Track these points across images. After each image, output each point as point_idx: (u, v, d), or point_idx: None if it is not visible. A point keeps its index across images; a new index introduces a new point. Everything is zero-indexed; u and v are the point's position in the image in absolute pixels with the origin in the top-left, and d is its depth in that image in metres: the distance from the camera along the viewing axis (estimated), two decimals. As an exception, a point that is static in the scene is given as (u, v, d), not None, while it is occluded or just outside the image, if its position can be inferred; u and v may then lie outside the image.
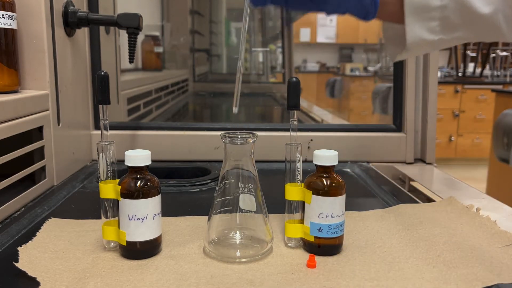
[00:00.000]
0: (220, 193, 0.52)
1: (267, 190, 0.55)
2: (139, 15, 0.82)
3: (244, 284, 0.44)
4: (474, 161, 4.46)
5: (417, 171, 0.95)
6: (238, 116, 2.15)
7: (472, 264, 0.48)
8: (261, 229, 0.52)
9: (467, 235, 0.56)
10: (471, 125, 4.47)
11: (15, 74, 0.70)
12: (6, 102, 0.63)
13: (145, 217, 0.49)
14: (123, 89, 1.22)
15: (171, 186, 0.79)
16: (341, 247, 0.52)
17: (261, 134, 0.58)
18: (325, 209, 0.50)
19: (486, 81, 4.55)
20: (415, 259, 0.50)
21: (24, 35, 0.73)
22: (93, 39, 0.95)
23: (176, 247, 0.53)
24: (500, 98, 2.77)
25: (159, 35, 1.87)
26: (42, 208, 0.67)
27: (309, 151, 0.97)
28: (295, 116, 0.53)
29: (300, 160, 0.52)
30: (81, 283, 0.44)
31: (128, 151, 0.50)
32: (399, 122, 1.02)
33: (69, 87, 0.83)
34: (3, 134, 0.61)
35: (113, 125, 0.96)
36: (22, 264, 0.47)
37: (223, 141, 0.51)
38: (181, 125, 1.02)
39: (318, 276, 0.46)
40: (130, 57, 0.85)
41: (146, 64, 1.78)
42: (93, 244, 0.53)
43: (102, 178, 0.51)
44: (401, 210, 0.66)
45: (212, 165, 0.94)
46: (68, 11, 0.81)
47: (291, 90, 0.52)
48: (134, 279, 0.45)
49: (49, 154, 0.75)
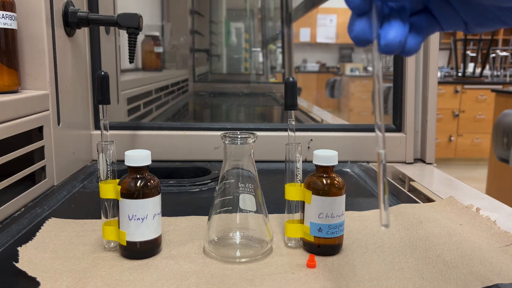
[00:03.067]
0: (220, 193, 0.52)
1: (267, 190, 0.55)
2: (139, 15, 0.82)
3: (244, 284, 0.44)
4: (474, 161, 4.47)
5: (417, 171, 0.95)
6: (238, 116, 2.16)
7: (472, 264, 0.48)
8: (261, 229, 0.52)
9: (467, 235, 0.56)
10: (471, 125, 4.47)
11: (15, 74, 0.70)
12: (6, 102, 0.63)
13: (145, 217, 0.49)
14: (123, 89, 1.22)
15: (171, 186, 0.79)
16: (341, 247, 0.52)
17: (261, 134, 0.59)
18: (325, 209, 0.50)
19: (486, 81, 4.55)
20: (415, 259, 0.50)
21: (24, 35, 0.73)
22: (93, 39, 0.95)
23: (176, 247, 0.53)
24: (500, 98, 2.77)
25: (159, 35, 1.87)
26: (42, 208, 0.67)
27: (309, 151, 0.97)
28: (293, 116, 0.53)
29: (300, 160, 0.52)
30: (81, 283, 0.44)
31: (128, 151, 0.50)
32: (399, 122, 1.02)
33: (69, 87, 0.83)
34: (3, 134, 0.61)
35: (113, 125, 0.96)
36: (22, 264, 0.47)
37: (223, 141, 0.51)
38: (181, 125, 1.02)
39: (318, 276, 0.46)
40: (130, 57, 0.85)
41: (146, 64, 1.78)
42: (93, 244, 0.53)
43: (102, 178, 0.51)
44: (401, 210, 0.66)
45: (212, 165, 0.94)
46: (68, 11, 0.81)
47: (288, 90, 0.52)
48: (134, 279, 0.45)
49: (49, 154, 0.75)
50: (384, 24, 0.32)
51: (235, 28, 2.97)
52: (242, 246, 0.52)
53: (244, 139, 0.50)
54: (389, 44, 0.32)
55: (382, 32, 0.32)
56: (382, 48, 0.32)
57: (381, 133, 0.33)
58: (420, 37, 0.34)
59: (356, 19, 0.32)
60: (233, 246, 0.52)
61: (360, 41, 0.33)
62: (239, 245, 0.52)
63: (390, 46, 0.32)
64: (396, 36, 0.32)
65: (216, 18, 2.90)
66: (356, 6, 0.32)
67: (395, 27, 0.32)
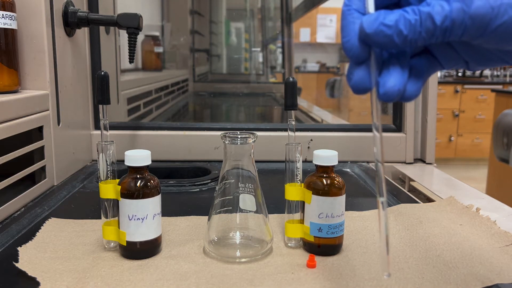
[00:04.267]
0: (220, 193, 0.52)
1: (267, 190, 0.55)
2: (139, 15, 0.82)
3: (244, 284, 0.44)
4: (474, 161, 4.47)
5: (417, 171, 0.95)
6: (238, 116, 2.16)
7: (472, 264, 0.48)
8: (261, 229, 0.52)
9: (467, 235, 0.56)
10: (471, 125, 4.47)
11: (15, 74, 0.70)
12: (6, 102, 0.63)
13: (145, 217, 0.49)
14: (123, 89, 1.22)
15: (171, 186, 0.79)
16: (341, 247, 0.52)
17: (261, 134, 0.59)
18: (325, 209, 0.50)
19: (486, 81, 4.55)
20: (415, 259, 0.50)
21: (24, 35, 0.73)
22: (93, 39, 0.95)
23: (176, 247, 0.53)
24: (500, 98, 2.77)
25: (159, 35, 1.87)
26: (42, 208, 0.67)
27: (309, 151, 0.97)
28: (293, 116, 0.53)
29: (300, 160, 0.52)
30: (81, 283, 0.44)
31: (128, 151, 0.50)
32: (399, 122, 1.02)
33: (69, 87, 0.83)
34: (3, 134, 0.61)
35: (113, 125, 0.96)
36: (22, 264, 0.47)
37: (223, 141, 0.51)
38: (181, 125, 1.02)
39: (318, 276, 0.46)
40: (130, 57, 0.85)
41: (146, 64, 1.78)
42: (93, 244, 0.53)
43: (102, 178, 0.51)
44: (401, 210, 0.66)
45: (212, 165, 0.94)
46: (68, 11, 0.81)
47: (288, 90, 0.52)
48: (134, 279, 0.45)
49: (49, 154, 0.75)
50: (383, 72, 0.32)
51: (235, 28, 2.97)
52: (242, 246, 0.52)
53: (244, 139, 0.50)
54: (388, 93, 0.31)
55: (381, 80, 0.32)
56: (381, 97, 0.32)
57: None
58: (420, 82, 0.33)
59: (355, 67, 0.32)
60: (233, 246, 0.52)
61: (359, 90, 0.32)
62: (239, 245, 0.52)
63: (389, 94, 0.31)
64: (395, 85, 0.31)
65: (216, 18, 2.90)
66: (355, 55, 0.31)
67: (394, 75, 0.32)
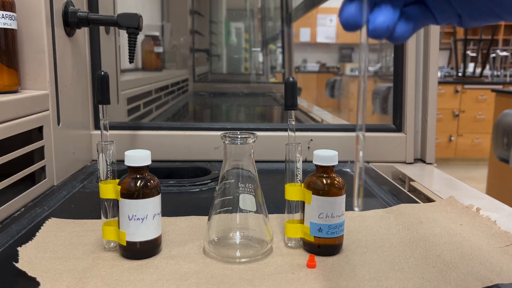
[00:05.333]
0: (220, 193, 0.52)
1: (267, 190, 0.55)
2: (139, 15, 0.82)
3: (244, 284, 0.44)
4: (474, 161, 4.47)
5: (417, 171, 0.95)
6: (238, 116, 2.16)
7: (472, 264, 0.48)
8: (261, 229, 0.52)
9: (467, 235, 0.56)
10: (471, 125, 4.47)
11: (15, 74, 0.70)
12: (6, 102, 0.63)
13: (145, 217, 0.49)
14: (123, 89, 1.22)
15: (171, 186, 0.79)
16: (341, 247, 0.52)
17: (261, 134, 0.58)
18: (325, 209, 0.50)
19: (486, 81, 4.55)
20: (415, 259, 0.50)
21: (24, 35, 0.73)
22: (93, 39, 0.95)
23: (176, 247, 0.53)
24: (500, 98, 2.77)
25: (159, 35, 1.87)
26: (42, 208, 0.67)
27: (309, 151, 0.97)
28: (293, 116, 0.53)
29: (300, 160, 0.52)
30: (81, 283, 0.44)
31: (128, 151, 0.50)
32: (399, 122, 1.02)
33: (69, 87, 0.83)
34: (3, 134, 0.61)
35: (113, 125, 0.96)
36: (22, 264, 0.47)
37: (223, 141, 0.51)
38: (181, 125, 1.02)
39: (318, 276, 0.46)
40: (130, 57, 0.85)
41: (146, 64, 1.78)
42: (93, 244, 0.53)
43: (102, 178, 0.51)
44: (401, 210, 0.66)
45: (212, 165, 0.94)
46: (68, 11, 0.81)
47: (288, 90, 0.52)
48: (134, 279, 0.45)
49: (49, 154, 0.75)
50: (374, 10, 0.33)
51: (235, 28, 2.97)
52: (242, 246, 0.52)
53: (244, 139, 0.50)
54: (377, 29, 0.32)
55: (371, 16, 0.32)
56: (370, 32, 0.32)
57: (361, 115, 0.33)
58: (410, 25, 0.34)
59: (348, 3, 0.33)
60: (233, 246, 0.52)
61: (349, 25, 0.33)
62: (239, 245, 0.52)
63: (377, 30, 0.32)
64: (385, 21, 0.32)
65: (216, 18, 2.89)
66: None
67: (384, 12, 0.32)
